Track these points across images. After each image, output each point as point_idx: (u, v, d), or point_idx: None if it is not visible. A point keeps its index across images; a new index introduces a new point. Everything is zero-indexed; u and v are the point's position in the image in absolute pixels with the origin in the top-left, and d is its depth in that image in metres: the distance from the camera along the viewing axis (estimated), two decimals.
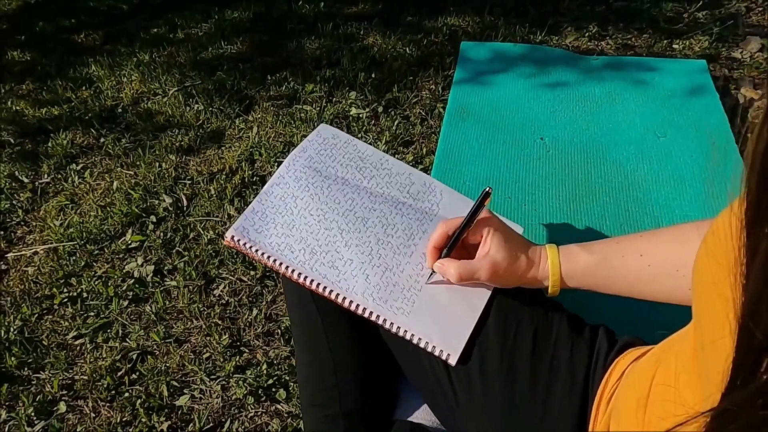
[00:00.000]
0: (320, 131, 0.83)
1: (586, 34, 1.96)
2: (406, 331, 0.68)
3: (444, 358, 0.67)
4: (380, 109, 1.76)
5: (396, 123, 1.69)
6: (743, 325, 0.26)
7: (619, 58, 1.72)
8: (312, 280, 0.71)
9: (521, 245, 0.67)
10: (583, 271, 0.65)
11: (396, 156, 1.59)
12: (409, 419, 0.75)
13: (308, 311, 0.73)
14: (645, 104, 1.39)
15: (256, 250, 0.73)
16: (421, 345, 0.68)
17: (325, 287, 0.71)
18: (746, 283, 0.25)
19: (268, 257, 0.73)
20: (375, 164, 0.80)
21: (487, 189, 0.69)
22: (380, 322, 0.69)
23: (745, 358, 0.26)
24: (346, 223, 0.75)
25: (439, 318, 0.69)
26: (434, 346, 0.67)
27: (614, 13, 2.08)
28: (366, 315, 0.69)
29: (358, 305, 0.70)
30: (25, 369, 1.22)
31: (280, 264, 0.72)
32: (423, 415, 0.75)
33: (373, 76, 1.89)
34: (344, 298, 0.70)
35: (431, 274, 0.70)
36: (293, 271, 0.72)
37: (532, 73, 1.57)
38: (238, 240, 0.74)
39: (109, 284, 1.35)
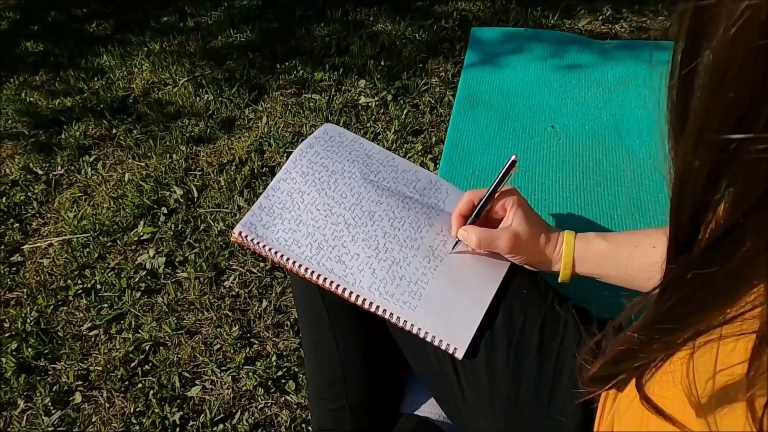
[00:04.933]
0: (326, 129, 0.82)
1: (600, 18, 1.92)
2: (412, 324, 0.68)
3: (451, 351, 0.66)
4: (389, 97, 1.74)
5: (405, 112, 1.68)
6: (673, 202, 0.28)
7: (633, 42, 1.68)
8: (319, 275, 0.71)
9: (542, 224, 0.68)
10: (596, 256, 0.65)
11: (405, 145, 1.58)
12: (416, 413, 0.75)
13: (315, 306, 0.74)
14: (659, 89, 1.36)
15: (264, 246, 0.73)
16: (428, 339, 0.67)
17: (332, 282, 0.71)
18: (674, 159, 0.27)
19: (276, 252, 0.73)
20: (381, 161, 0.79)
21: (513, 157, 0.69)
22: (387, 316, 0.69)
23: (678, 233, 0.28)
24: (353, 218, 0.74)
25: (446, 311, 0.68)
26: (441, 340, 0.67)
27: None
28: (372, 309, 0.69)
29: (364, 299, 0.69)
30: (42, 360, 1.25)
31: (287, 259, 0.72)
32: (429, 408, 0.75)
33: (382, 63, 1.87)
34: (351, 293, 0.70)
35: (456, 243, 0.70)
36: (300, 266, 0.72)
37: (543, 59, 1.54)
38: (246, 236, 0.74)
39: (122, 276, 1.37)
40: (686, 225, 0.27)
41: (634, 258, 0.63)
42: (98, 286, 1.37)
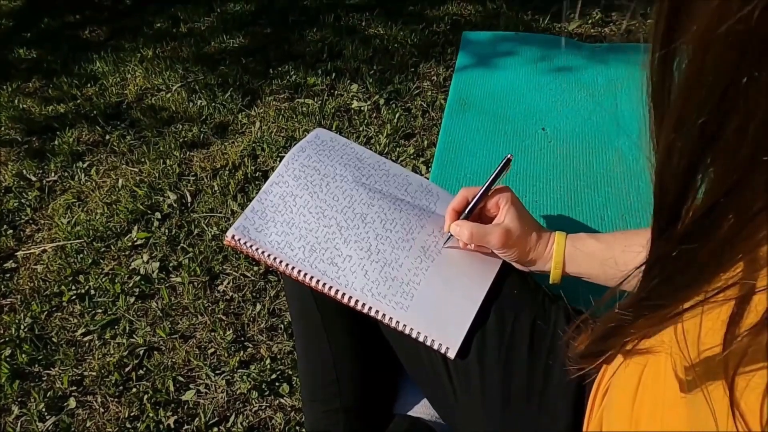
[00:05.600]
0: (318, 134, 0.83)
1: (590, 21, 1.94)
2: (405, 325, 0.69)
3: (443, 351, 0.67)
4: (382, 101, 1.75)
5: (397, 116, 1.69)
6: (657, 182, 0.29)
7: (623, 45, 1.70)
8: (312, 277, 0.71)
9: (533, 223, 0.69)
10: (586, 256, 0.66)
11: (397, 149, 1.59)
12: (409, 414, 0.76)
13: (308, 308, 0.74)
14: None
15: (257, 249, 0.74)
16: (420, 339, 0.68)
17: (324, 284, 0.71)
18: (657, 140, 0.28)
19: (269, 255, 0.73)
20: (373, 165, 0.80)
21: (509, 156, 0.70)
22: (379, 317, 0.69)
23: (662, 212, 0.29)
24: (345, 220, 0.75)
25: (438, 312, 0.69)
26: (433, 340, 0.67)
27: None
28: (365, 311, 0.70)
29: (357, 301, 0.70)
30: (36, 366, 1.24)
31: (281, 262, 0.73)
32: (422, 409, 0.76)
33: (374, 67, 1.89)
34: (343, 294, 0.70)
35: (449, 238, 0.71)
36: (293, 268, 0.72)
37: (534, 62, 1.56)
38: (239, 239, 0.74)
39: (116, 281, 1.37)
40: (670, 204, 0.28)
41: (624, 258, 0.64)
42: (92, 292, 1.37)
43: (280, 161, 1.16)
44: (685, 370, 0.36)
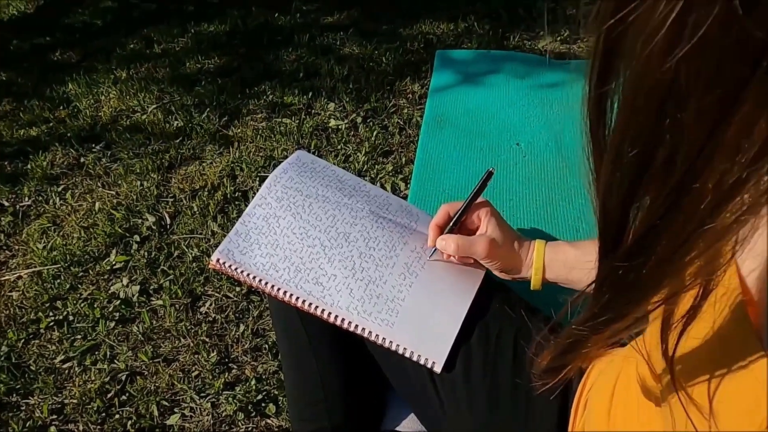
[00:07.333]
0: (299, 156, 0.84)
1: (558, 38, 2.00)
2: (391, 341, 0.70)
3: (429, 366, 0.68)
4: (359, 119, 1.78)
5: (375, 133, 1.71)
6: (600, 209, 0.31)
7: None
8: (297, 298, 0.72)
9: (514, 233, 0.72)
10: (565, 262, 0.68)
11: (376, 167, 1.61)
12: (397, 429, 0.77)
13: (294, 328, 0.75)
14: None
15: (242, 272, 0.74)
16: (407, 354, 0.69)
17: (310, 304, 0.72)
18: (598, 171, 0.30)
19: (254, 278, 0.74)
20: (354, 186, 0.82)
21: (491, 169, 0.72)
22: (365, 334, 0.70)
23: (606, 236, 0.32)
24: (329, 240, 0.76)
25: (423, 327, 0.70)
26: (419, 355, 0.69)
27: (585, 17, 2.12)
28: (351, 329, 0.71)
29: (343, 319, 0.71)
30: (14, 395, 1.22)
31: (266, 284, 0.73)
32: (410, 424, 0.77)
33: (351, 86, 1.91)
34: (329, 314, 0.71)
35: (433, 252, 0.73)
36: (279, 289, 0.73)
37: (506, 79, 1.60)
38: (224, 263, 0.75)
39: (95, 306, 1.35)
40: (612, 228, 0.31)
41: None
42: (71, 318, 1.35)
43: (259, 181, 1.16)
44: (646, 375, 0.39)
